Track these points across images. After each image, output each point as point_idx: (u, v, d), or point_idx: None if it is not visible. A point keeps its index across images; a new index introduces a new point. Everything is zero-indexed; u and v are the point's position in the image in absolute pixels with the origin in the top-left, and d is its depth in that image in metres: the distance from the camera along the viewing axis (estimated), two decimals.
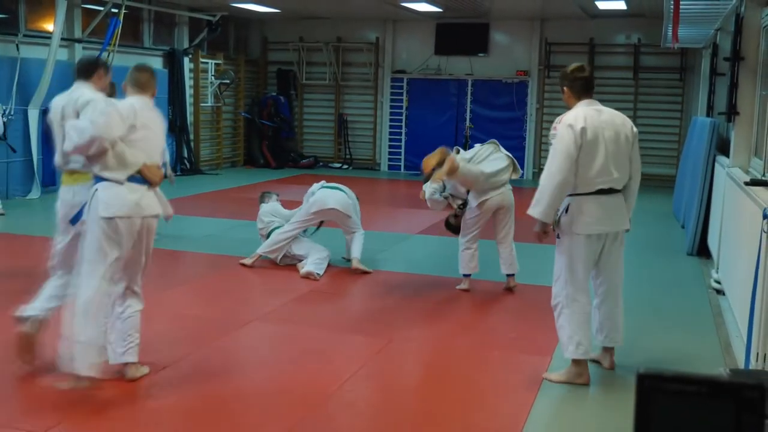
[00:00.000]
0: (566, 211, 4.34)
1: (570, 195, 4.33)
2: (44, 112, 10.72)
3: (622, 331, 4.62)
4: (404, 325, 5.54)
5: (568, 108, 4.44)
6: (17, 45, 10.64)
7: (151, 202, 4.21)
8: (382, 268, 7.24)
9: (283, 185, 12.28)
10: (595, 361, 4.69)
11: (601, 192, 4.31)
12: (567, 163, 4.21)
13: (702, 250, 8.03)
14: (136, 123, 4.15)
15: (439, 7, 13.24)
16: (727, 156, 7.26)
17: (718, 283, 6.60)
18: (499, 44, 15.39)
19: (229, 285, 6.58)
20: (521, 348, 4.99)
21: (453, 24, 15.13)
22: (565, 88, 4.44)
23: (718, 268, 6.89)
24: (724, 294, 6.29)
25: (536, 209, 4.31)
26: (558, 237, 4.44)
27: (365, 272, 6.87)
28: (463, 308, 6.09)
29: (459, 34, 15.25)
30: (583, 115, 4.28)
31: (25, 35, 10.91)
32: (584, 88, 4.41)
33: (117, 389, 4.11)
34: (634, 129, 4.47)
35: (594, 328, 4.56)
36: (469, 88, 15.51)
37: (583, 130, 4.22)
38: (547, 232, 4.39)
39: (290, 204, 7.58)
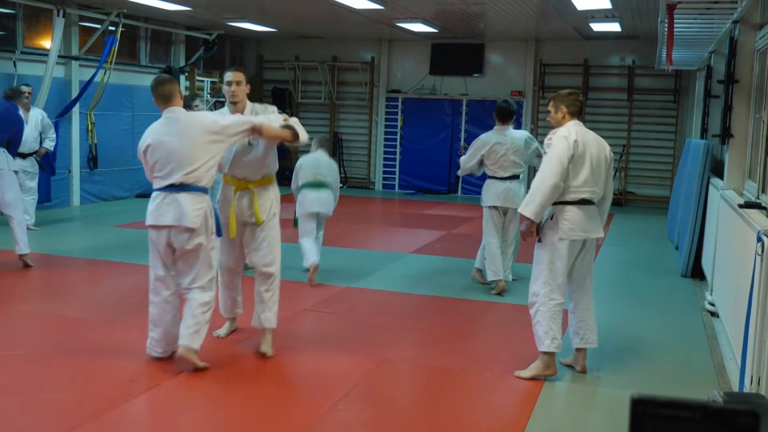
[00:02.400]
0: (551, 217, 4.76)
1: (555, 203, 4.73)
2: None
3: (596, 332, 4.93)
4: (397, 345, 5.52)
5: (555, 127, 4.90)
6: (14, 62, 10.67)
7: (169, 210, 4.57)
8: (376, 287, 7.23)
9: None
10: (569, 366, 4.97)
11: (583, 202, 4.73)
12: (559, 168, 4.64)
13: (696, 272, 8.03)
14: (150, 141, 4.67)
15: (435, 28, 13.34)
16: (721, 178, 7.28)
17: (712, 305, 6.59)
18: (494, 65, 15.48)
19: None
20: (513, 369, 4.97)
21: (448, 44, 15.22)
22: (563, 107, 4.86)
23: (712, 290, 6.89)
24: (718, 316, 6.28)
25: (528, 208, 4.69)
26: (539, 241, 4.81)
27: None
28: (456, 328, 6.07)
29: (454, 55, 15.34)
30: (575, 131, 4.77)
31: (22, 52, 10.95)
32: (579, 110, 4.92)
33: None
34: (611, 153, 4.95)
35: (570, 331, 4.95)
36: (464, 108, 15.58)
37: (576, 142, 4.70)
38: (533, 231, 4.77)
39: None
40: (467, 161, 7.09)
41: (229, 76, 5.02)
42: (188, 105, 8.82)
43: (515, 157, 6.97)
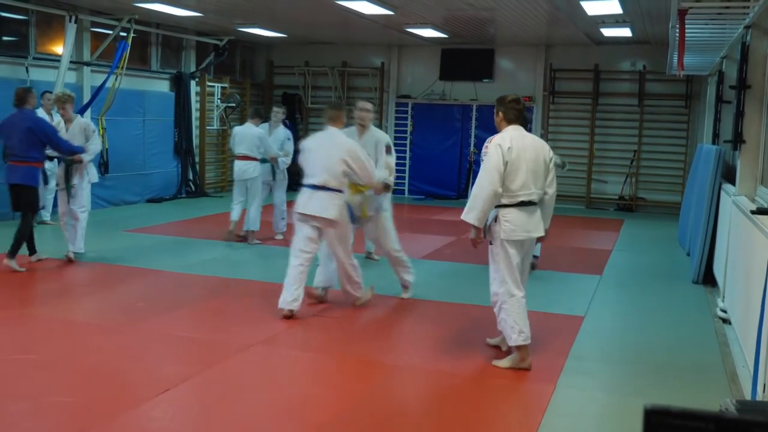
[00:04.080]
0: (495, 220, 4.99)
1: (497, 207, 4.95)
2: None
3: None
4: (406, 351, 5.51)
5: (499, 130, 5.14)
6: (27, 68, 10.73)
7: (312, 204, 6.07)
8: (386, 293, 7.22)
9: (288, 207, 12.25)
10: (495, 346, 5.38)
11: (522, 204, 4.95)
12: (497, 176, 4.89)
13: (708, 279, 7.98)
14: (307, 147, 6.29)
15: (445, 33, 13.33)
16: (733, 184, 7.23)
17: (724, 312, 6.55)
18: (504, 70, 15.45)
19: (231, 308, 6.56)
20: (524, 376, 4.95)
21: (458, 50, 15.21)
22: (500, 113, 5.13)
23: (724, 297, 6.84)
24: (730, 323, 6.24)
25: (471, 215, 4.96)
26: (490, 243, 5.07)
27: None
28: (467, 334, 6.05)
29: (464, 60, 15.33)
30: (510, 137, 4.99)
31: (34, 58, 11.01)
32: (516, 117, 5.13)
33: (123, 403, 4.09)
34: (551, 153, 5.17)
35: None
36: (474, 113, 15.56)
37: (510, 149, 4.92)
38: (480, 238, 5.04)
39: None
40: None
41: (363, 105, 7.27)
42: (265, 116, 10.02)
43: None
